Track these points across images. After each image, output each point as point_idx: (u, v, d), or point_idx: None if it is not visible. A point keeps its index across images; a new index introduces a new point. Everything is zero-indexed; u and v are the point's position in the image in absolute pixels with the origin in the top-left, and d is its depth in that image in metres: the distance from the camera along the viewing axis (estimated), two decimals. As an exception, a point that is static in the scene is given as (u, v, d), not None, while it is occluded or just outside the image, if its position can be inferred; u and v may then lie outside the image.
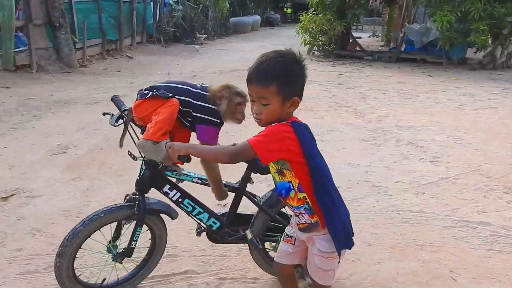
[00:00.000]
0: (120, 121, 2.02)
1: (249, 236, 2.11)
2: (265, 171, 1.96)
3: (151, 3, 14.36)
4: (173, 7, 15.81)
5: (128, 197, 2.06)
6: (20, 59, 8.58)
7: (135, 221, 2.04)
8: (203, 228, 2.19)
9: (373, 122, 5.55)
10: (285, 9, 34.59)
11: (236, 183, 2.18)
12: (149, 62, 11.29)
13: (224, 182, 2.12)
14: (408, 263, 2.51)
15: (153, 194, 2.09)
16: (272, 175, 1.77)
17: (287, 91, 1.63)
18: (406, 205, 3.23)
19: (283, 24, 28.96)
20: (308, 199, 1.67)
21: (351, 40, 13.23)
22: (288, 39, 17.09)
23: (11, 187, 3.49)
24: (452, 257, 2.57)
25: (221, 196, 2.13)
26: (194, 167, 2.06)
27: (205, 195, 2.24)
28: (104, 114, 2.09)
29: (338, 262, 1.75)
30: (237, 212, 2.18)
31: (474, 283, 2.34)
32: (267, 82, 1.62)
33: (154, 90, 1.97)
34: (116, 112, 2.06)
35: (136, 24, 13.10)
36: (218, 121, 2.00)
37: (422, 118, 5.74)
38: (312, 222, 1.70)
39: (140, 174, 2.01)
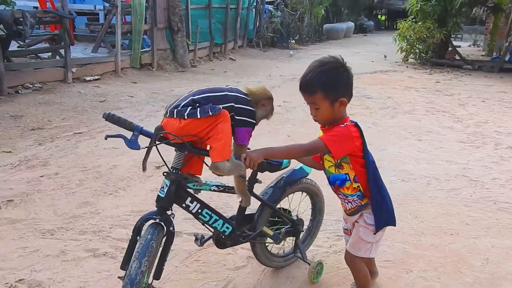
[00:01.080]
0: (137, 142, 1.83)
1: (270, 232, 2.22)
2: (274, 169, 2.11)
3: (254, 9, 15.35)
4: (272, 13, 16.68)
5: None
6: (144, 59, 9.88)
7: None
8: (212, 235, 2.25)
9: (471, 127, 5.73)
10: (379, 16, 34.14)
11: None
12: (250, 64, 12.18)
13: (216, 184, 2.15)
14: (503, 240, 2.85)
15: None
16: (326, 169, 2.04)
17: (332, 95, 1.89)
18: (502, 197, 3.51)
19: (377, 31, 28.68)
20: (361, 188, 1.97)
21: (450, 49, 13.02)
22: (382, 46, 17.14)
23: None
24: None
25: (248, 202, 2.15)
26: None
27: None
28: (106, 138, 1.80)
29: (377, 241, 2.05)
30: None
31: None
32: (313, 91, 1.90)
33: (199, 106, 1.83)
34: (119, 131, 1.84)
35: (239, 29, 14.15)
36: (255, 122, 1.99)
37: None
38: (363, 204, 2.01)
39: (164, 191, 1.95)
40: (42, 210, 3.20)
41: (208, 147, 1.91)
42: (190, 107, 1.82)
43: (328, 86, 1.89)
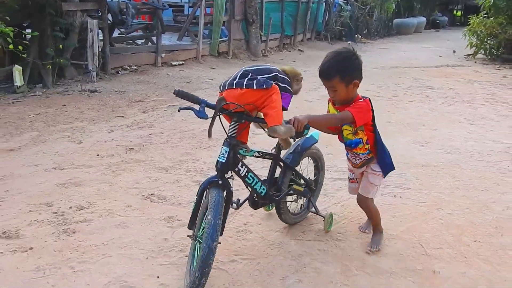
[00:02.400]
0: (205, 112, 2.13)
1: (300, 188, 2.67)
2: (299, 135, 2.41)
3: (324, 3, 15.92)
4: (342, 7, 17.14)
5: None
6: (221, 47, 10.92)
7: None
8: (247, 198, 2.60)
9: (527, 116, 6.07)
10: (454, 12, 32.96)
11: (272, 149, 2.64)
12: (317, 56, 12.83)
13: (262, 150, 2.56)
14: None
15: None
16: (344, 136, 2.52)
17: (347, 79, 2.31)
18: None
19: (450, 27, 27.84)
20: (369, 148, 2.51)
21: (523, 45, 12.78)
22: (453, 41, 16.95)
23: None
24: None
25: (289, 145, 2.60)
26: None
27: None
28: (180, 110, 2.15)
29: (379, 186, 2.63)
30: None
31: None
32: (331, 77, 2.32)
33: (255, 79, 2.19)
34: (187, 104, 2.18)
35: (308, 22, 14.83)
36: (291, 89, 2.37)
37: None
38: (369, 158, 2.55)
39: (224, 156, 2.22)
40: (156, 155, 4.22)
41: (259, 115, 2.30)
42: (246, 78, 2.18)
43: (344, 71, 2.30)
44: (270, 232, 2.85)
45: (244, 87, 2.16)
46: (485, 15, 12.61)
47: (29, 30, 7.06)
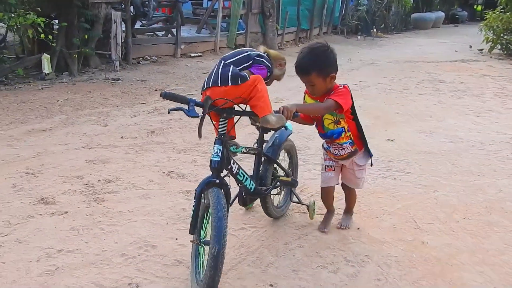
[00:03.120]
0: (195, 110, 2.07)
1: (288, 178, 2.76)
2: (277, 129, 2.42)
3: (341, -2, 16.07)
4: (359, 1, 17.23)
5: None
6: (238, 40, 11.20)
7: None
8: (235, 196, 2.60)
9: (534, 109, 6.22)
10: (475, 6, 32.52)
11: (254, 144, 2.64)
12: (333, 49, 13.03)
13: (244, 146, 2.50)
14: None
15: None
16: (325, 126, 2.49)
17: (324, 72, 2.32)
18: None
19: (470, 22, 27.50)
20: (351, 136, 2.51)
21: (541, 40, 12.74)
22: (471, 36, 16.86)
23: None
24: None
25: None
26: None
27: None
28: (169, 111, 2.09)
29: (366, 174, 2.72)
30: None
31: None
32: (308, 73, 2.33)
33: (240, 74, 2.17)
34: (176, 105, 2.12)
35: (325, 16, 14.99)
36: (270, 66, 2.33)
37: None
38: (353, 150, 2.54)
39: (218, 155, 2.18)
40: (175, 138, 4.55)
41: (246, 108, 2.26)
42: (226, 74, 2.14)
43: (320, 66, 2.32)
44: (277, 206, 3.14)
45: (229, 84, 2.13)
46: (501, 10, 12.61)
47: (55, 21, 7.47)
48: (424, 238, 2.72)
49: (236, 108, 2.29)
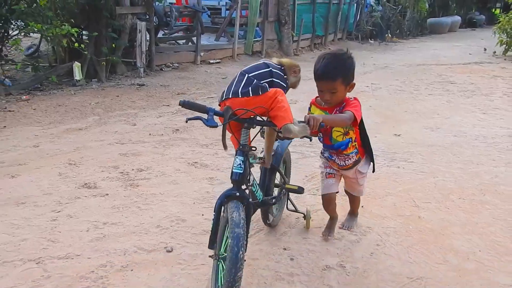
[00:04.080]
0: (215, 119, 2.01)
1: (295, 186, 2.66)
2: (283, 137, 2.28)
3: (355, 4, 16.41)
4: (373, 8, 17.55)
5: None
6: (255, 47, 11.66)
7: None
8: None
9: (540, 107, 6.46)
10: (493, 10, 32.37)
11: (261, 153, 2.55)
12: (347, 54, 13.37)
13: (259, 157, 2.48)
14: (515, 170, 3.94)
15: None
16: (334, 139, 2.45)
17: (347, 80, 2.30)
18: (533, 150, 4.49)
19: (488, 26, 27.35)
20: (357, 145, 2.51)
21: (555, 42, 12.84)
22: (487, 40, 16.92)
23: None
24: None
25: (268, 164, 2.54)
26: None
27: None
28: (187, 120, 2.07)
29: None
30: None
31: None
32: (335, 78, 2.26)
33: (260, 85, 2.13)
34: (195, 114, 2.08)
35: (339, 22, 15.36)
36: (286, 86, 2.29)
37: None
38: (357, 159, 2.54)
39: (241, 166, 2.10)
40: (197, 135, 4.99)
41: (265, 119, 2.16)
42: (247, 85, 2.11)
43: (346, 73, 2.29)
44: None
45: (251, 95, 2.10)
46: (515, 13, 12.79)
47: (85, 32, 8.04)
48: (421, 214, 3.07)
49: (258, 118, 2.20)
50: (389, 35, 17.79)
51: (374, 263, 2.50)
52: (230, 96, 2.14)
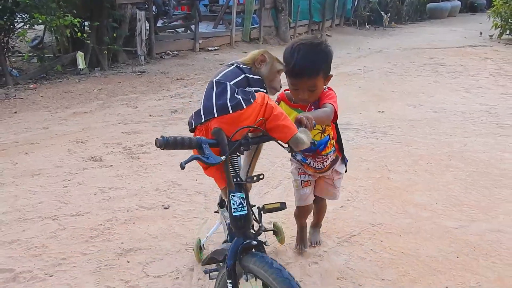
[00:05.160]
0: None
1: (276, 204, 1.89)
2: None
3: (352, -10, 16.63)
4: (370, -7, 17.75)
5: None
6: (252, 34, 11.97)
7: None
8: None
9: (520, 84, 6.77)
10: (493, -6, 32.28)
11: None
12: (343, 40, 13.65)
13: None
14: (488, 139, 4.28)
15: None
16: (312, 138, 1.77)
17: (327, 73, 1.95)
18: (510, 122, 4.82)
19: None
20: (334, 143, 2.18)
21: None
22: (486, 24, 17.13)
23: (263, 96, 6.31)
24: None
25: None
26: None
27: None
28: (183, 166, 1.46)
29: None
30: None
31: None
32: (317, 73, 1.89)
33: (249, 92, 1.65)
34: (188, 154, 1.57)
35: (337, 9, 15.60)
36: (265, 91, 1.76)
37: None
38: (334, 158, 2.21)
39: (244, 206, 1.64)
40: (194, 115, 5.36)
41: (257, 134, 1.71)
42: (240, 96, 1.61)
43: (326, 65, 1.93)
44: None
45: (243, 107, 1.60)
46: (509, -4, 12.97)
47: (86, 22, 8.39)
48: (390, 176, 3.44)
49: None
50: (387, 19, 17.99)
51: (342, 213, 2.88)
52: (216, 115, 1.61)
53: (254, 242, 1.61)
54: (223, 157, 1.53)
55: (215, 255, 1.81)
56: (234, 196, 1.65)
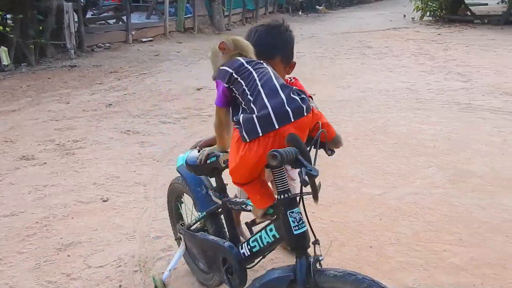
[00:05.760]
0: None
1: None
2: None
3: (283, -23, 16.91)
4: (301, -20, 18.15)
5: None
6: (187, 23, 11.89)
7: None
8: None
9: (439, 63, 7.33)
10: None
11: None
12: (278, 26, 13.90)
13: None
14: (407, 113, 4.66)
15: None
16: None
17: (287, 58, 1.79)
18: (427, 96, 5.25)
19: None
20: None
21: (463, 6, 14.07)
22: (409, 7, 18.16)
23: (200, 85, 6.36)
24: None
25: None
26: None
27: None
28: (301, 200, 1.41)
29: None
30: None
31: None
32: (272, 56, 1.72)
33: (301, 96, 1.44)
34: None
35: (269, -4, 15.84)
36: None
37: (483, 61, 7.32)
38: None
39: (302, 224, 1.43)
40: (130, 108, 5.31)
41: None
42: (297, 96, 1.42)
43: (285, 49, 1.80)
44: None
45: (313, 109, 1.48)
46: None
47: (9, 15, 7.93)
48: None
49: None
50: (323, 7, 18.51)
51: (277, 191, 3.05)
52: (293, 119, 1.39)
53: (322, 258, 1.41)
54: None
55: None
56: (292, 212, 1.42)
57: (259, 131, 1.37)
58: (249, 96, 1.44)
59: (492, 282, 2.14)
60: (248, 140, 1.38)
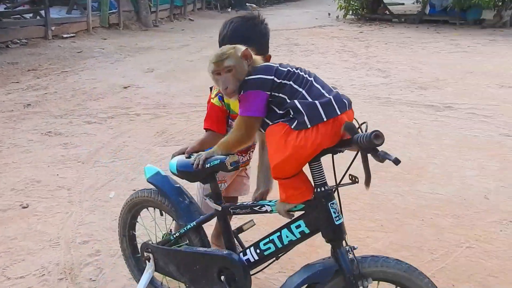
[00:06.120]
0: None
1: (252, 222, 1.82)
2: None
3: (210, -26, 16.82)
4: (229, -23, 18.18)
5: None
6: (111, 19, 11.42)
7: None
8: None
9: (362, 59, 7.73)
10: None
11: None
12: (206, 24, 13.82)
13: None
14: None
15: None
16: None
17: (262, 51, 1.71)
18: (350, 92, 5.49)
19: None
20: None
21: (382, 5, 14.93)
22: (334, 5, 18.91)
23: (127, 83, 6.16)
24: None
25: None
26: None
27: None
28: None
29: None
30: None
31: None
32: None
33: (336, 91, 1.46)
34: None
35: (197, -8, 15.68)
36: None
37: (400, 57, 7.83)
38: (253, 149, 2.03)
39: (339, 214, 1.46)
40: (51, 108, 5.02)
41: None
42: (336, 91, 1.46)
43: (260, 41, 1.77)
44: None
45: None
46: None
47: None
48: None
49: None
50: (251, 4, 18.67)
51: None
52: (347, 108, 1.43)
53: (356, 247, 1.48)
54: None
55: None
56: (333, 204, 1.44)
57: (323, 116, 1.35)
58: (300, 89, 1.42)
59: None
60: (309, 126, 1.33)
